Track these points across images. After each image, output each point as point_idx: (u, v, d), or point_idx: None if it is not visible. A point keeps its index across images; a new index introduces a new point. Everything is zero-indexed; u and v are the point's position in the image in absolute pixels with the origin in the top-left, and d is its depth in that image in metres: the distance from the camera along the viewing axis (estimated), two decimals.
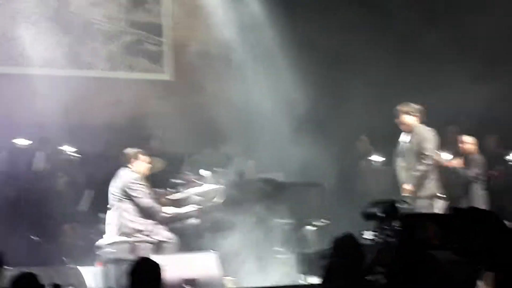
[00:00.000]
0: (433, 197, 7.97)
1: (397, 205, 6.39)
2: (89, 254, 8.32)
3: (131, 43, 11.48)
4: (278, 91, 10.76)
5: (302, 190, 9.03)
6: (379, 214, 6.03)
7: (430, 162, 8.07)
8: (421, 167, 8.05)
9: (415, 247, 3.72)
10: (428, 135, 8.13)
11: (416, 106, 8.23)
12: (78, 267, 7.86)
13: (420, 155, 8.09)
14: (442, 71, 10.64)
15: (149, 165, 8.24)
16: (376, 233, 4.88)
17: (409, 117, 8.16)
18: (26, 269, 5.36)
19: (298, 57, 10.91)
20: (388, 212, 6.11)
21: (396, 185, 8.46)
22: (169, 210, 8.30)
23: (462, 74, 10.08)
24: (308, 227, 8.67)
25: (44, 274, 5.31)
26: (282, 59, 10.94)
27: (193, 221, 8.40)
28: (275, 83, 10.90)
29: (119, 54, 11.40)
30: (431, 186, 8.08)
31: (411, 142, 8.20)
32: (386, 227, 4.86)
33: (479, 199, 9.23)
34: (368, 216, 6.53)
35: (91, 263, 8.03)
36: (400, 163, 8.29)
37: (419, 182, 8.08)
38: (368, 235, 5.89)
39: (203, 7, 11.39)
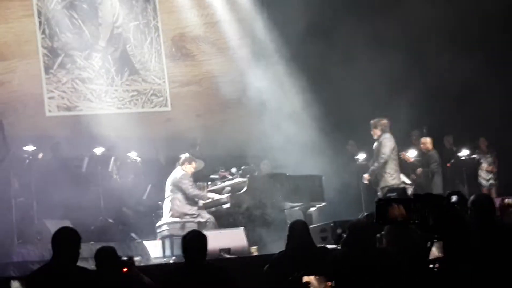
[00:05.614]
0: (389, 186, 9.15)
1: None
2: (151, 232, 9.66)
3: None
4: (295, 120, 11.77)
5: (306, 181, 9.94)
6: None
7: (382, 161, 9.28)
8: (375, 164, 9.36)
9: (388, 222, 3.97)
10: (385, 142, 9.30)
11: (383, 120, 9.44)
12: (143, 241, 9.18)
13: (378, 156, 9.38)
14: None
15: (194, 166, 9.62)
16: None
17: (376, 129, 9.47)
18: (105, 244, 6.18)
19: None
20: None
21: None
22: (209, 196, 9.60)
23: None
24: (312, 208, 9.98)
25: (118, 247, 6.15)
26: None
27: (226, 205, 9.50)
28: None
29: None
30: (387, 178, 9.30)
31: (376, 147, 9.49)
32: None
33: (437, 186, 10.53)
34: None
35: (152, 238, 9.35)
36: (371, 163, 9.63)
37: (372, 174, 9.44)
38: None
39: None
